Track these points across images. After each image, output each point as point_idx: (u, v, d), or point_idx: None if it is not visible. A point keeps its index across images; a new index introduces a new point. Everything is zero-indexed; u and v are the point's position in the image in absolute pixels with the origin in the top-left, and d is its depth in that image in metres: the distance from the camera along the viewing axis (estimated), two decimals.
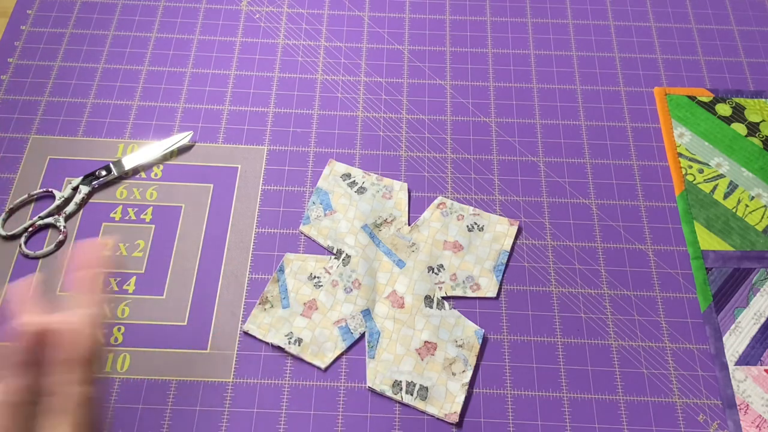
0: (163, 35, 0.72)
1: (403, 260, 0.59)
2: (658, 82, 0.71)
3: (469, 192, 0.63)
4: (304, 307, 0.56)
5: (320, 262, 0.59)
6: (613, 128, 0.67)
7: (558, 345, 0.56)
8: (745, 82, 0.71)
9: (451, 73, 0.71)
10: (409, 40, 0.73)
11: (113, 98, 0.67)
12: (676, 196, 0.63)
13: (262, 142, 0.65)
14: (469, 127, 0.67)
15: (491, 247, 0.60)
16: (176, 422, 0.52)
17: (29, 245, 0.59)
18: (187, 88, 0.68)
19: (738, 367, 0.55)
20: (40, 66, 0.69)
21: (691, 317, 0.58)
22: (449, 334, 0.55)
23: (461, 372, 0.54)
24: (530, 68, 0.71)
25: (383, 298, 0.57)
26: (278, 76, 0.69)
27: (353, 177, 0.63)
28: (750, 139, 0.67)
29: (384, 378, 0.54)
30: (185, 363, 0.54)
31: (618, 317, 0.58)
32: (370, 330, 0.56)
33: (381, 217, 0.61)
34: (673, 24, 0.75)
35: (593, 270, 0.60)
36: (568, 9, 0.76)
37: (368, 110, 0.68)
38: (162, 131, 0.65)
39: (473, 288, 0.58)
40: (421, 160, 0.65)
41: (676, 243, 0.61)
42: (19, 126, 0.65)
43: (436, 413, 0.52)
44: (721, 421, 0.53)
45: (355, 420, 0.52)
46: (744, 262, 0.60)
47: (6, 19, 0.72)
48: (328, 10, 0.74)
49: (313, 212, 0.61)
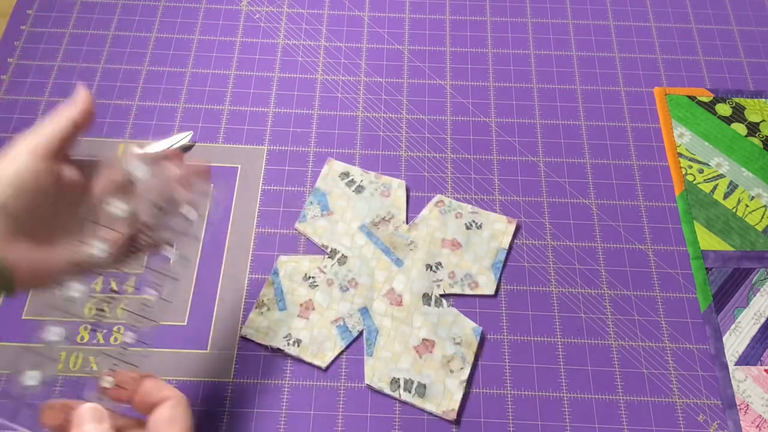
0: (163, 35, 0.72)
1: (402, 258, 0.59)
2: (658, 82, 0.71)
3: (469, 192, 0.63)
4: (301, 308, 0.56)
5: (314, 262, 0.59)
6: (613, 128, 0.67)
7: (558, 345, 0.56)
8: (745, 82, 0.71)
9: (451, 73, 0.71)
10: (409, 40, 0.73)
11: (113, 98, 0.67)
12: (676, 196, 0.63)
13: (262, 142, 0.65)
14: (469, 127, 0.67)
15: (489, 245, 0.60)
16: None
17: None
18: (187, 88, 0.68)
19: (738, 367, 0.55)
20: (40, 66, 0.69)
21: (691, 317, 0.58)
22: (447, 331, 0.55)
23: (459, 369, 0.54)
24: (530, 68, 0.71)
25: (381, 296, 0.57)
26: (278, 76, 0.69)
27: (351, 175, 0.63)
28: (750, 139, 0.66)
29: (382, 376, 0.54)
30: (185, 363, 0.54)
31: (618, 317, 0.58)
32: (368, 328, 0.56)
33: (379, 216, 0.61)
34: (673, 24, 0.75)
35: (593, 270, 0.60)
36: (568, 9, 0.76)
37: (368, 110, 0.68)
38: (162, 131, 0.65)
39: (471, 286, 0.58)
40: (421, 160, 0.65)
41: (676, 243, 0.61)
42: (19, 126, 0.65)
43: (434, 410, 0.52)
44: (721, 421, 0.53)
45: (355, 420, 0.52)
46: (744, 262, 0.60)
47: (6, 19, 0.72)
48: (328, 10, 0.74)
49: (310, 212, 0.61)
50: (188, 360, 0.55)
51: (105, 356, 0.42)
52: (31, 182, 0.37)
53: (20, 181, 0.37)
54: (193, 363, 0.54)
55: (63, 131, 0.39)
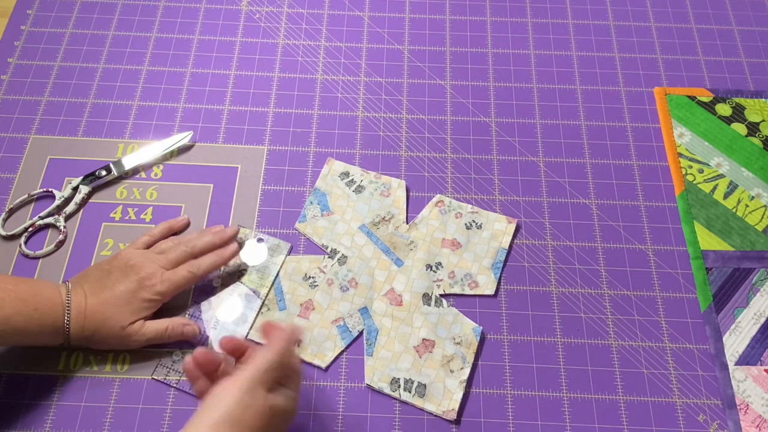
0: (163, 35, 0.72)
1: (402, 258, 0.59)
2: (658, 82, 0.71)
3: (469, 192, 0.63)
4: (301, 308, 0.56)
5: (314, 262, 0.59)
6: (613, 128, 0.67)
7: (558, 345, 0.56)
8: (745, 82, 0.71)
9: (451, 73, 0.71)
10: (409, 40, 0.73)
11: (113, 98, 0.67)
12: (676, 196, 0.63)
13: (262, 142, 0.65)
14: (469, 127, 0.67)
15: (489, 244, 0.60)
16: (176, 422, 0.52)
17: (29, 245, 0.59)
18: (187, 88, 0.68)
19: (738, 367, 0.55)
20: (40, 66, 0.69)
21: (691, 317, 0.58)
22: (447, 331, 0.55)
23: (459, 369, 0.54)
24: (530, 68, 0.71)
25: (381, 295, 0.57)
26: (278, 76, 0.69)
27: (351, 175, 0.63)
28: (750, 139, 0.66)
29: (382, 375, 0.54)
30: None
31: (618, 317, 0.57)
32: (369, 328, 0.56)
33: (379, 215, 0.61)
34: (673, 24, 0.75)
35: (593, 270, 0.60)
36: (568, 9, 0.76)
37: (368, 110, 0.68)
38: (162, 131, 0.65)
39: (471, 285, 0.58)
40: (421, 160, 0.65)
41: (676, 243, 0.61)
42: (19, 126, 0.65)
43: (434, 410, 0.52)
44: (721, 421, 0.53)
45: (355, 419, 0.52)
46: (744, 262, 0.60)
47: (6, 19, 0.72)
48: (328, 10, 0.74)
49: (310, 212, 0.61)
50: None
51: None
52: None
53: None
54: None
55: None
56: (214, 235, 0.57)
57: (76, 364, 0.53)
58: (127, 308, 0.51)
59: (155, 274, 0.53)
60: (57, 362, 0.53)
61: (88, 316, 0.50)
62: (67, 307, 0.49)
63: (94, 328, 0.50)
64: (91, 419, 0.51)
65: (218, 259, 0.56)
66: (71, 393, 0.52)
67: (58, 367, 0.53)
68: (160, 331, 0.52)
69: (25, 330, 0.48)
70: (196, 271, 0.54)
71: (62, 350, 0.54)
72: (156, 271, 0.53)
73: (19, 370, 0.53)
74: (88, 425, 0.51)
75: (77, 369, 0.53)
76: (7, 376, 0.53)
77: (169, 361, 0.54)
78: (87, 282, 0.52)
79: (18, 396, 0.52)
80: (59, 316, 0.49)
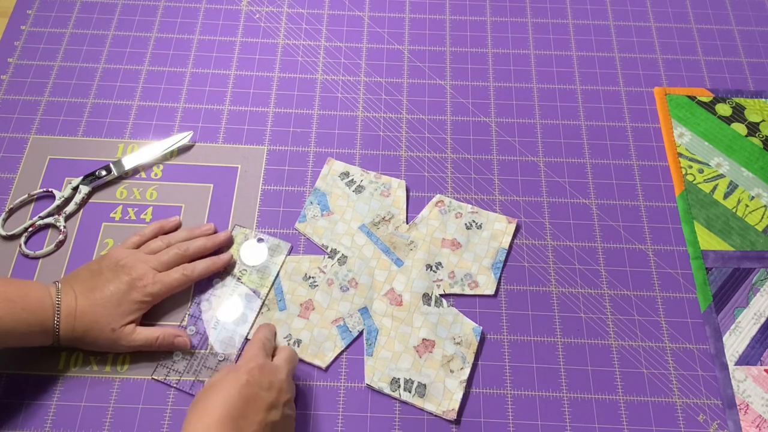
0: (163, 35, 0.72)
1: (402, 258, 0.59)
2: (658, 82, 0.71)
3: (469, 192, 0.63)
4: (301, 308, 0.56)
5: (314, 262, 0.59)
6: (613, 128, 0.67)
7: (558, 345, 0.56)
8: (745, 82, 0.71)
9: (451, 73, 0.71)
10: (409, 40, 0.73)
11: (113, 98, 0.67)
12: (676, 196, 0.63)
13: (262, 142, 0.65)
14: (469, 127, 0.67)
15: (489, 244, 0.60)
16: (176, 422, 0.52)
17: (29, 245, 0.59)
18: (187, 88, 0.68)
19: (738, 367, 0.55)
20: (40, 66, 0.69)
21: (691, 317, 0.58)
22: (447, 331, 0.55)
23: (459, 369, 0.54)
24: (530, 68, 0.71)
25: (381, 295, 0.57)
26: (278, 76, 0.69)
27: (351, 175, 0.63)
28: (750, 139, 0.66)
29: (382, 375, 0.54)
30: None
31: (618, 317, 0.57)
32: (369, 328, 0.56)
33: (379, 215, 0.61)
34: (673, 24, 0.75)
35: (593, 270, 0.60)
36: (568, 9, 0.76)
37: (368, 110, 0.68)
38: (162, 131, 0.65)
39: (471, 285, 0.58)
40: (421, 160, 0.65)
41: (676, 243, 0.61)
42: (19, 126, 0.65)
43: (434, 410, 0.52)
44: (721, 421, 0.53)
45: (355, 420, 0.52)
46: (744, 262, 0.60)
47: (6, 19, 0.72)
48: (328, 10, 0.74)
49: (310, 212, 0.61)
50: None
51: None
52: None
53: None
54: (193, 363, 0.54)
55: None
56: (207, 239, 0.57)
57: (76, 364, 0.53)
58: (117, 310, 0.51)
59: (147, 275, 0.53)
60: (57, 362, 0.53)
61: (78, 317, 0.50)
62: (57, 307, 0.49)
63: (84, 329, 0.50)
64: (91, 419, 0.51)
65: (212, 265, 0.56)
66: (71, 393, 0.52)
67: (58, 367, 0.53)
68: (150, 340, 0.52)
69: (14, 331, 0.47)
70: (190, 274, 0.55)
71: (62, 350, 0.54)
72: (147, 272, 0.53)
73: (19, 370, 0.53)
74: (88, 425, 0.51)
75: (77, 369, 0.53)
76: (7, 376, 0.53)
77: (169, 361, 0.54)
78: (77, 282, 0.52)
79: (18, 396, 0.52)
80: (48, 317, 0.49)
